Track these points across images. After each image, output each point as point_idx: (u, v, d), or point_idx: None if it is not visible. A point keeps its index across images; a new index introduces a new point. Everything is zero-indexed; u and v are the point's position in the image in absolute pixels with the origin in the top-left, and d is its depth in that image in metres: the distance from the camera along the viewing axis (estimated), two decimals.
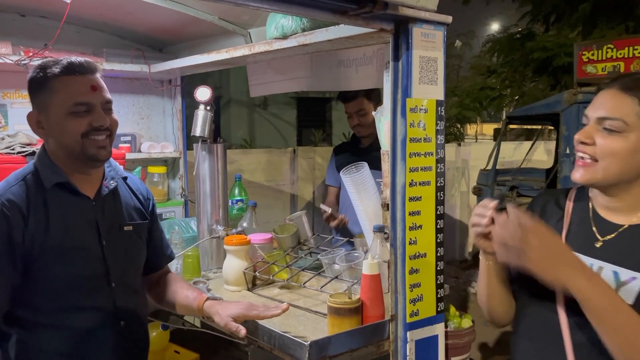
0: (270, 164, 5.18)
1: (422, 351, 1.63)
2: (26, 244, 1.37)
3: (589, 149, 1.19)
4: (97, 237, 1.48)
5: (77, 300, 1.43)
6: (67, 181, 1.45)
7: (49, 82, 1.41)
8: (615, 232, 1.21)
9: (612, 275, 1.16)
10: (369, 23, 1.49)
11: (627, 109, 1.16)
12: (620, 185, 1.20)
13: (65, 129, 1.41)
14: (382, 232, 1.71)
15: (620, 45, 4.75)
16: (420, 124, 1.59)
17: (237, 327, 1.51)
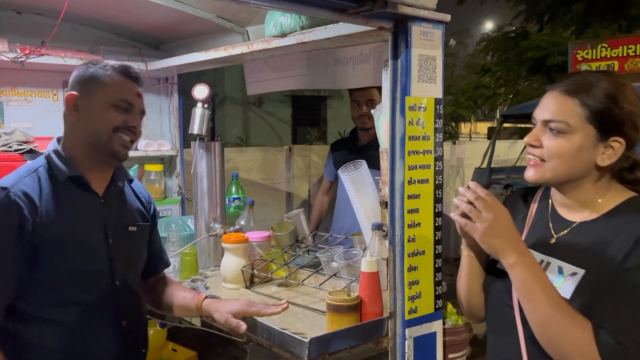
0: (265, 162, 5.18)
1: (420, 348, 1.64)
2: (35, 235, 1.38)
3: (537, 151, 1.24)
4: (104, 234, 1.49)
5: (78, 296, 1.44)
6: (80, 175, 1.47)
7: (102, 75, 1.48)
8: (567, 229, 1.27)
9: (557, 271, 1.23)
10: (368, 21, 1.49)
11: (569, 111, 1.20)
12: (570, 183, 1.25)
13: (102, 117, 1.46)
14: (380, 230, 1.72)
15: (614, 45, 4.79)
16: (419, 122, 1.60)
17: (238, 323, 1.51)
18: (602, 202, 1.24)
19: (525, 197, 1.42)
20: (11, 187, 1.38)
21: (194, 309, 1.62)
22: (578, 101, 1.19)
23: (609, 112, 1.18)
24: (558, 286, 1.20)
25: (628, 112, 1.19)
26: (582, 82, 1.21)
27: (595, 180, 1.24)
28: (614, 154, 1.20)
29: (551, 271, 1.23)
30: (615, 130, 1.19)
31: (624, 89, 1.20)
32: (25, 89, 2.58)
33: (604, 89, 1.19)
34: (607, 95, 1.18)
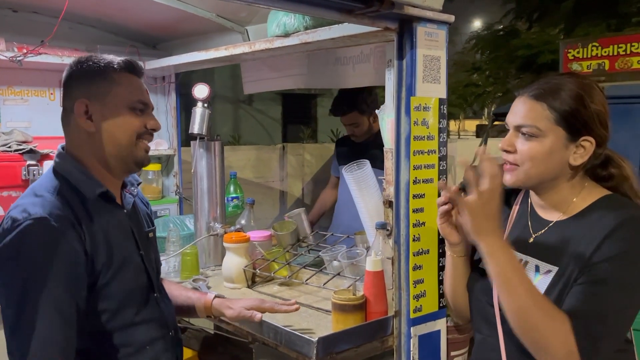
0: (259, 161, 5.17)
1: (425, 346, 1.65)
2: (88, 263, 1.26)
3: (511, 156, 1.29)
4: (136, 246, 1.42)
5: (132, 317, 1.36)
6: (107, 190, 1.35)
7: (110, 73, 1.35)
8: (544, 228, 1.31)
9: (533, 269, 1.27)
10: (374, 22, 1.50)
11: (538, 115, 1.24)
12: (545, 184, 1.30)
13: (122, 123, 1.34)
14: (384, 229, 1.73)
15: (605, 44, 4.83)
16: (424, 122, 1.61)
17: (252, 313, 1.51)
18: (577, 201, 1.28)
19: (508, 198, 1.45)
20: (49, 215, 1.20)
21: (202, 308, 1.61)
22: (546, 105, 1.24)
23: (576, 113, 1.22)
24: (534, 284, 1.23)
25: (595, 111, 1.22)
26: (548, 86, 1.25)
27: (569, 180, 1.28)
28: (585, 153, 1.24)
29: (529, 270, 1.28)
30: (584, 130, 1.23)
31: (590, 89, 1.24)
32: (21, 88, 2.56)
33: (570, 90, 1.23)
34: (574, 96, 1.22)
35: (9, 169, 2.17)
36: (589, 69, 4.94)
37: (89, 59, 1.37)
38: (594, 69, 4.90)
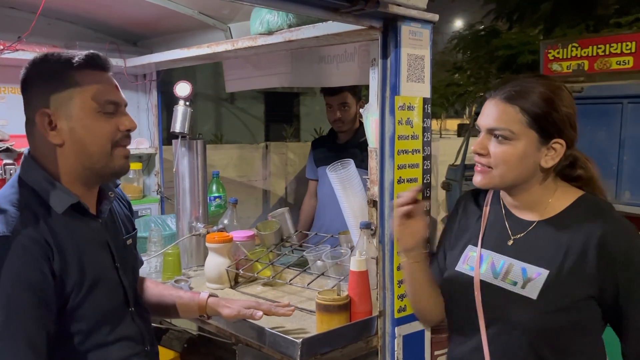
0: (241, 160, 5.13)
1: (409, 346, 1.65)
2: (57, 285, 1.14)
3: (484, 159, 1.28)
4: (112, 260, 1.31)
5: (106, 336, 1.26)
6: (78, 201, 1.23)
7: (71, 74, 1.20)
8: (525, 230, 1.30)
9: (520, 272, 1.26)
10: (359, 20, 1.49)
11: (511, 118, 1.24)
12: (518, 186, 1.30)
13: (92, 130, 1.21)
14: (368, 229, 1.72)
15: (584, 44, 4.90)
16: (408, 121, 1.60)
17: (253, 312, 1.47)
18: (553, 201, 1.29)
19: (476, 198, 1.46)
20: (11, 233, 1.09)
21: (195, 307, 1.54)
22: (518, 108, 1.23)
23: (548, 117, 1.22)
24: (522, 287, 1.24)
25: (566, 114, 1.23)
26: (520, 89, 1.25)
27: (542, 181, 1.29)
28: (556, 155, 1.25)
29: (514, 273, 1.27)
30: (556, 132, 1.23)
31: (560, 91, 1.25)
32: None
33: (541, 93, 1.23)
34: (545, 99, 1.23)
35: None
36: (569, 69, 5.00)
37: (46, 59, 1.23)
38: (573, 70, 4.97)
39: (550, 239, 1.26)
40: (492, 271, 1.31)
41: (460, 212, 1.47)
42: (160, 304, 1.58)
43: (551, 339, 1.22)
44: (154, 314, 1.59)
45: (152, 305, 1.57)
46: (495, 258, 1.32)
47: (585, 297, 1.20)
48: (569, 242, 1.22)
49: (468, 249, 1.38)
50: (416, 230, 1.35)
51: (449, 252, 1.44)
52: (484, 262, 1.33)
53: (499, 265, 1.31)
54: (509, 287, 1.26)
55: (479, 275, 1.31)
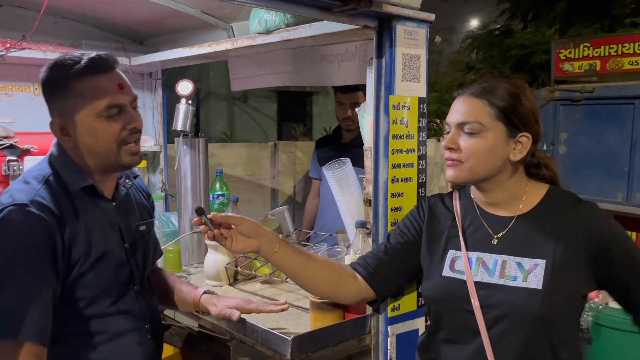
0: (250, 158, 5.16)
1: (402, 345, 1.65)
2: (65, 252, 1.27)
3: (455, 154, 1.32)
4: (121, 240, 1.42)
5: (106, 307, 1.36)
6: (92, 184, 1.36)
7: (71, 84, 1.29)
8: (506, 227, 1.34)
9: (516, 267, 1.29)
10: (353, 20, 1.49)
11: (480, 111, 1.30)
12: (490, 181, 1.34)
13: (97, 135, 1.31)
14: (364, 228, 1.73)
15: (596, 44, 4.83)
16: (402, 120, 1.60)
17: (231, 312, 1.50)
18: (527, 195, 1.34)
19: (442, 201, 1.49)
20: (30, 203, 1.23)
21: (190, 303, 1.59)
22: (486, 101, 1.29)
23: (514, 109, 1.28)
24: (524, 280, 1.26)
25: (530, 108, 1.30)
26: (487, 86, 1.31)
27: (511, 175, 1.33)
28: (523, 148, 1.30)
29: (510, 268, 1.29)
30: (522, 125, 1.30)
31: (523, 88, 1.32)
32: (5, 83, 2.54)
33: (506, 89, 1.30)
34: (511, 94, 1.29)
35: None
36: (581, 70, 4.93)
37: (54, 67, 1.32)
38: (585, 70, 4.90)
39: (535, 231, 1.30)
40: (486, 271, 1.31)
41: (425, 216, 1.47)
42: (167, 294, 1.65)
43: (554, 329, 1.24)
44: (161, 303, 1.68)
45: (160, 295, 1.65)
46: (485, 258, 1.33)
47: (584, 283, 1.26)
48: (554, 232, 1.28)
49: (450, 254, 1.38)
50: (235, 241, 1.37)
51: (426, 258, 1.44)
52: (474, 264, 1.33)
53: (492, 264, 1.31)
54: (509, 282, 1.27)
55: (471, 278, 1.31)
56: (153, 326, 1.49)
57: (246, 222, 1.37)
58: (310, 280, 1.46)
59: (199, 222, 1.35)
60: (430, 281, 1.40)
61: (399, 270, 1.49)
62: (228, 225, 1.36)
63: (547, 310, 1.22)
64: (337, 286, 1.46)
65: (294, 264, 1.43)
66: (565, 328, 1.27)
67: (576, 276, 1.25)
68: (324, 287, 1.48)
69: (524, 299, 1.24)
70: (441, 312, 1.38)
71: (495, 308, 1.27)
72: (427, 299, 1.43)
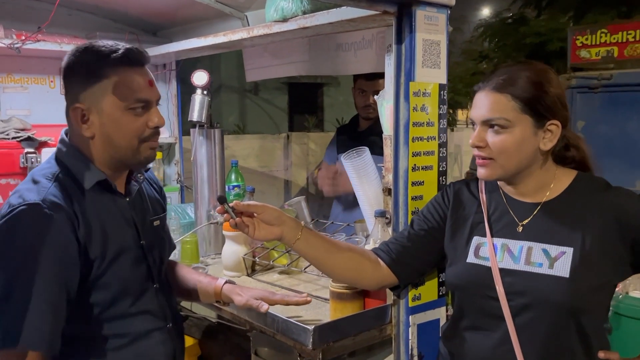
0: (263, 150, 5.15)
1: (423, 335, 1.63)
2: (82, 252, 1.22)
3: (484, 151, 1.29)
4: (137, 236, 1.37)
5: (127, 308, 1.32)
6: (105, 179, 1.31)
7: (105, 71, 1.24)
8: (531, 214, 1.31)
9: (542, 253, 1.26)
10: (372, 5, 1.47)
11: (504, 107, 1.25)
12: (521, 173, 1.31)
13: (121, 127, 1.27)
14: (383, 217, 1.70)
15: (614, 30, 4.74)
16: (423, 107, 1.58)
17: (259, 303, 1.47)
18: (555, 182, 1.31)
19: (468, 188, 1.46)
20: (42, 202, 1.17)
21: (211, 293, 1.55)
22: (509, 95, 1.25)
23: (539, 99, 1.24)
24: (550, 267, 1.23)
25: (555, 94, 1.26)
26: (507, 77, 1.27)
27: (542, 165, 1.30)
28: (553, 136, 1.27)
29: (536, 255, 1.27)
30: (550, 114, 1.25)
31: (546, 74, 1.28)
32: (21, 76, 2.55)
33: (529, 78, 1.25)
34: (533, 83, 1.25)
35: (6, 156, 2.16)
36: (598, 56, 4.86)
37: (85, 52, 1.27)
38: (602, 56, 4.82)
39: (561, 218, 1.27)
40: (512, 257, 1.29)
41: (450, 202, 1.45)
42: (183, 286, 1.62)
43: (584, 318, 1.22)
44: (177, 296, 1.65)
45: (175, 288, 1.62)
46: (511, 244, 1.31)
47: (615, 273, 1.23)
48: (582, 219, 1.25)
49: (475, 240, 1.36)
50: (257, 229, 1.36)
51: (450, 244, 1.42)
52: (499, 251, 1.31)
53: (517, 251, 1.29)
54: (535, 269, 1.25)
55: (496, 265, 1.29)
56: (175, 324, 1.46)
57: (268, 209, 1.35)
58: (334, 266, 1.44)
59: (222, 211, 1.34)
60: (454, 268, 1.38)
61: (422, 256, 1.47)
62: (250, 213, 1.35)
63: (574, 300, 1.20)
64: (360, 272, 1.45)
65: (317, 250, 1.41)
66: (595, 318, 1.25)
67: (606, 265, 1.22)
68: (347, 274, 1.46)
69: (550, 287, 1.22)
70: (465, 299, 1.36)
71: (521, 295, 1.25)
72: (451, 285, 1.41)
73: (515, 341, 1.24)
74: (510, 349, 1.25)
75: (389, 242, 1.49)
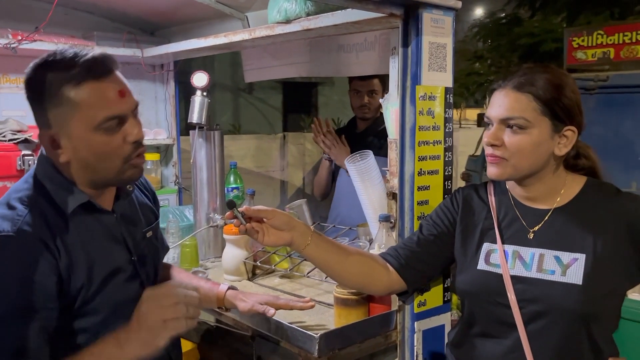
0: (259, 150, 5.12)
1: (429, 341, 1.62)
2: (64, 283, 1.13)
3: (499, 150, 1.26)
4: (128, 254, 1.28)
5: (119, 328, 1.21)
6: (88, 200, 1.20)
7: (64, 91, 1.10)
8: (542, 220, 1.30)
9: (554, 260, 1.25)
10: (379, 8, 1.45)
11: (524, 107, 1.23)
12: (532, 176, 1.29)
13: (96, 149, 1.14)
14: (387, 222, 1.69)
15: (610, 32, 4.76)
16: (429, 111, 1.56)
17: (265, 308, 1.44)
18: (566, 188, 1.29)
19: (477, 193, 1.44)
20: (16, 233, 1.07)
21: (213, 299, 1.52)
22: (531, 96, 1.23)
23: (559, 103, 1.22)
24: (562, 274, 1.22)
25: (574, 100, 1.24)
26: (528, 77, 1.24)
27: (554, 170, 1.29)
28: (568, 142, 1.25)
29: (548, 262, 1.25)
30: (567, 119, 1.24)
31: (566, 78, 1.26)
32: (17, 76, 2.50)
33: (550, 81, 1.23)
34: (554, 86, 1.23)
35: (3, 158, 2.12)
36: (594, 58, 4.87)
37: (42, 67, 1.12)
38: (598, 58, 4.83)
39: (573, 224, 1.26)
40: (523, 265, 1.28)
41: (460, 208, 1.43)
42: None
43: (596, 326, 1.21)
44: None
45: None
46: (522, 251, 1.29)
47: (627, 279, 1.22)
48: (593, 225, 1.24)
49: (485, 247, 1.35)
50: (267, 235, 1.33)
51: (459, 250, 1.40)
52: (510, 258, 1.30)
53: (529, 258, 1.28)
54: (547, 277, 1.24)
55: (508, 272, 1.28)
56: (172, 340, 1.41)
57: (278, 214, 1.33)
58: (343, 272, 1.42)
59: (231, 216, 1.31)
60: (465, 274, 1.37)
61: (432, 262, 1.45)
62: (260, 218, 1.32)
63: (587, 307, 1.19)
64: (370, 277, 1.43)
65: (327, 256, 1.38)
66: (606, 325, 1.24)
67: (618, 272, 1.21)
68: (357, 279, 1.44)
69: (563, 294, 1.20)
70: (476, 306, 1.35)
71: (533, 303, 1.24)
72: (461, 292, 1.39)
73: (527, 349, 1.23)
74: (521, 356, 1.24)
75: (398, 247, 1.47)
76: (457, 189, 1.51)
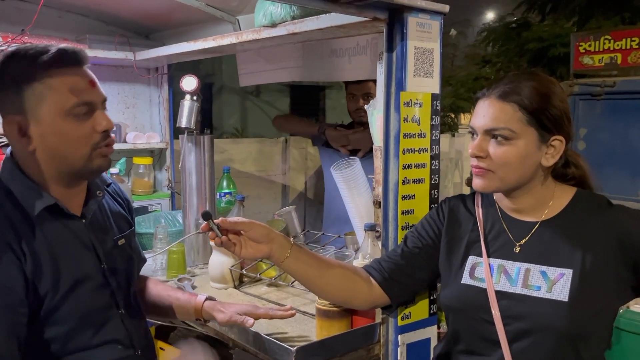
0: (261, 154, 5.09)
1: (413, 355, 1.57)
2: (29, 289, 1.11)
3: (484, 162, 1.21)
4: (97, 261, 1.26)
5: (88, 339, 1.22)
6: (55, 203, 1.19)
7: (37, 75, 1.13)
8: (528, 233, 1.24)
9: (540, 276, 1.20)
10: (361, 12, 1.41)
11: (510, 117, 1.18)
12: (520, 188, 1.24)
13: (65, 135, 1.15)
14: (373, 231, 1.65)
15: (617, 37, 4.68)
16: (414, 118, 1.51)
17: (244, 319, 1.39)
18: (554, 200, 1.24)
19: (464, 204, 1.39)
20: None
21: (191, 310, 1.48)
22: (517, 105, 1.18)
23: (546, 112, 1.17)
24: (548, 290, 1.17)
25: (562, 108, 1.19)
26: (514, 86, 1.19)
27: (542, 181, 1.24)
28: (556, 152, 1.21)
29: (534, 277, 1.20)
30: (555, 128, 1.19)
31: (554, 86, 1.21)
32: None
33: (536, 89, 1.18)
34: (541, 95, 1.17)
35: None
36: (601, 63, 4.79)
37: (13, 57, 1.15)
38: (605, 63, 4.76)
39: (560, 238, 1.20)
40: (508, 279, 1.23)
41: (445, 219, 1.38)
42: (158, 305, 1.54)
43: (584, 345, 1.15)
44: (151, 315, 1.56)
45: (149, 306, 1.53)
46: (508, 265, 1.24)
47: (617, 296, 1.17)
48: (582, 239, 1.18)
49: (470, 260, 1.30)
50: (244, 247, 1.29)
51: (444, 263, 1.36)
52: (495, 272, 1.25)
53: (514, 272, 1.23)
54: (533, 293, 1.18)
55: (493, 287, 1.23)
56: (145, 350, 1.37)
57: (256, 226, 1.28)
58: (324, 285, 1.38)
59: (207, 228, 1.26)
60: (449, 289, 1.32)
61: (416, 275, 1.41)
62: (237, 230, 1.28)
63: (574, 326, 1.13)
64: (353, 291, 1.38)
65: (307, 269, 1.34)
66: (595, 345, 1.18)
67: (607, 288, 1.16)
68: (338, 293, 1.40)
69: (548, 312, 1.15)
70: (460, 321, 1.30)
71: (517, 320, 1.18)
72: (445, 307, 1.34)
73: None
74: None
75: (382, 260, 1.43)
76: (444, 199, 1.47)
